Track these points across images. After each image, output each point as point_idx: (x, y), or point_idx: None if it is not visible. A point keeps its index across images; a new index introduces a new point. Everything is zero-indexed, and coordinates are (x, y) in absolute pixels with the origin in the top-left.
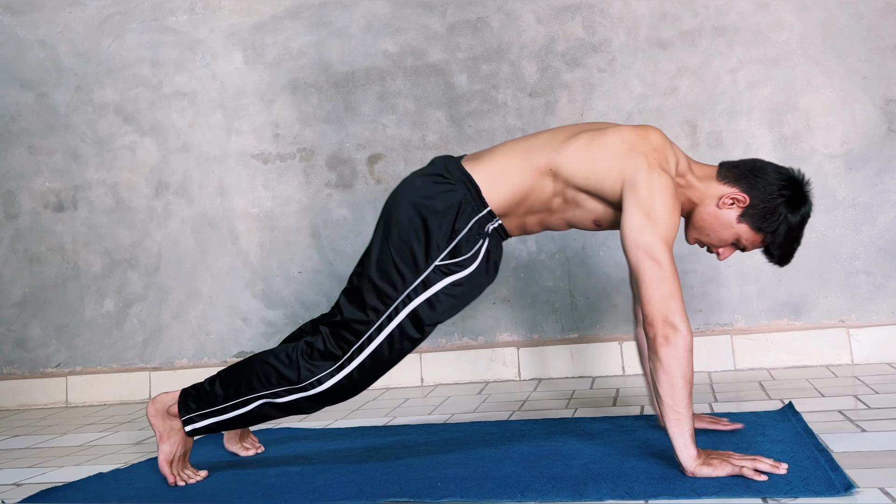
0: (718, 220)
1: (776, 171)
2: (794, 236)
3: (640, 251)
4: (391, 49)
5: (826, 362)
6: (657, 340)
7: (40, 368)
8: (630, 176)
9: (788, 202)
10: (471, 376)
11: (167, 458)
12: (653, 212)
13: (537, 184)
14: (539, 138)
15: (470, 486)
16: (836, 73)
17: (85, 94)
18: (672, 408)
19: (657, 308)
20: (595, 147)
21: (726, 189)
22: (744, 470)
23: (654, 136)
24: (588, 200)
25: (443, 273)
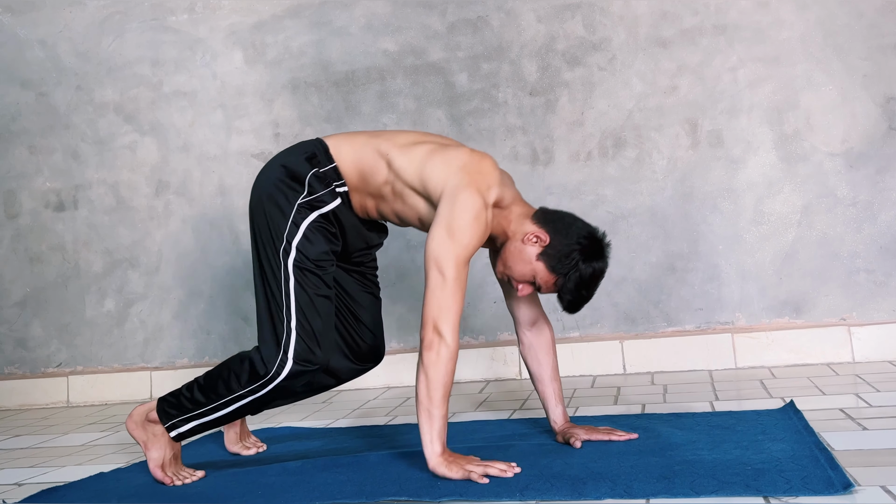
0: (521, 254)
1: (584, 225)
2: (584, 286)
3: (432, 261)
4: (391, 48)
5: (827, 360)
6: (423, 344)
7: (41, 368)
8: (450, 189)
9: (583, 252)
10: (471, 375)
11: (157, 464)
12: (453, 227)
13: (374, 164)
14: (393, 133)
15: (470, 485)
16: (837, 72)
17: (85, 93)
18: (425, 406)
19: (431, 314)
20: (432, 158)
21: (533, 228)
22: (472, 474)
23: (486, 164)
24: (413, 196)
25: (307, 209)
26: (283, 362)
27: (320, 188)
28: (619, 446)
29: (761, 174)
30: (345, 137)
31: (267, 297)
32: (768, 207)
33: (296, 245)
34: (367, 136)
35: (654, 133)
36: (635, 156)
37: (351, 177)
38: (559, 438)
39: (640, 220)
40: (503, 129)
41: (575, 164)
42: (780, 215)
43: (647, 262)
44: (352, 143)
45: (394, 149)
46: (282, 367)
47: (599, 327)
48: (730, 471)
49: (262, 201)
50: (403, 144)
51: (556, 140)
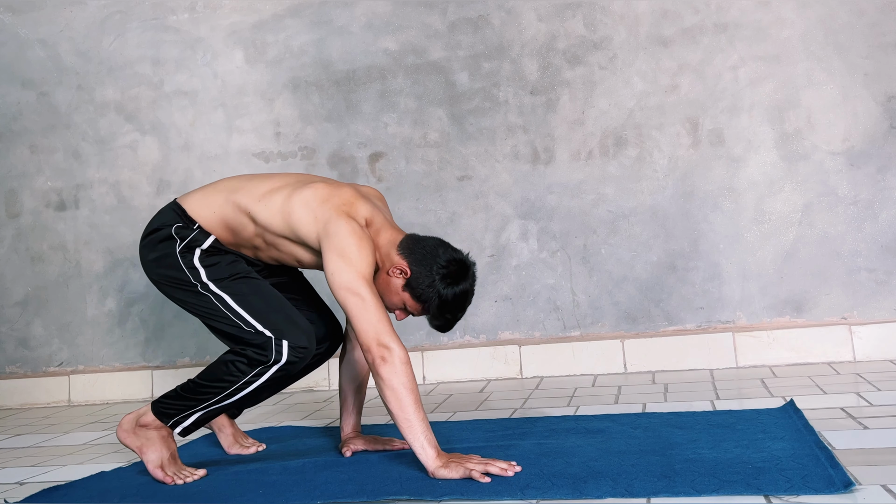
0: (388, 286)
1: (445, 251)
2: (447, 310)
3: (343, 290)
4: (392, 47)
5: (828, 359)
6: (376, 363)
7: (43, 367)
8: (322, 226)
9: (444, 279)
10: (472, 374)
11: (156, 465)
12: (345, 252)
13: (238, 219)
14: (247, 183)
15: (470, 484)
16: (838, 70)
17: (86, 93)
18: (403, 418)
19: (369, 335)
20: (293, 200)
21: (397, 260)
22: (473, 473)
23: (345, 192)
24: (287, 244)
25: (188, 252)
26: (279, 348)
27: (189, 233)
28: (620, 445)
29: (762, 173)
30: (199, 198)
31: (228, 329)
32: (769, 206)
33: (205, 277)
34: (220, 193)
35: (654, 132)
36: (636, 155)
37: (219, 233)
38: (340, 446)
39: (640, 218)
40: (504, 128)
41: (576, 163)
42: (781, 214)
43: (648, 261)
44: (209, 204)
45: (252, 203)
46: (279, 348)
47: (600, 326)
48: (730, 469)
49: (158, 278)
50: (260, 196)
51: (557, 139)
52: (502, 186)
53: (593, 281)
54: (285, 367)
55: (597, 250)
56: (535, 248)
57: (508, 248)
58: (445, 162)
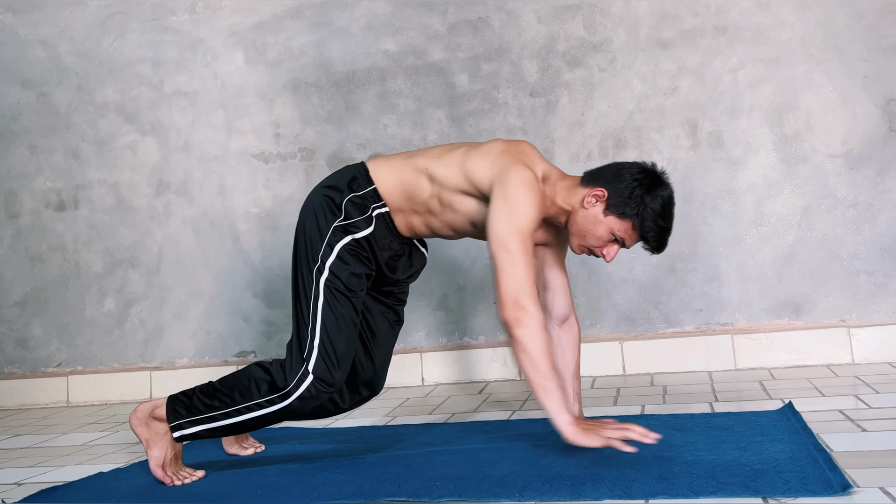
0: (588, 218)
1: (630, 164)
2: (660, 216)
3: (496, 241)
4: (392, 48)
5: (827, 362)
6: (511, 322)
7: (41, 368)
8: (498, 171)
9: (642, 185)
10: (471, 376)
11: (158, 463)
12: (512, 203)
13: (416, 181)
14: (426, 150)
15: (468, 486)
16: (837, 73)
17: (86, 93)
18: (538, 382)
19: (508, 292)
20: (469, 155)
21: (587, 189)
22: (612, 441)
23: (523, 145)
24: (462, 202)
25: (341, 232)
26: (304, 377)
27: (355, 214)
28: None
29: (761, 175)
30: (383, 161)
31: (298, 313)
32: (768, 209)
33: (329, 266)
34: (402, 157)
35: (654, 134)
36: (635, 157)
37: (393, 198)
38: None
39: None
40: (503, 129)
41: (575, 164)
42: (780, 216)
43: (647, 263)
44: (390, 165)
45: (431, 161)
46: (301, 381)
47: (599, 328)
48: (729, 472)
49: (305, 223)
50: (438, 155)
51: (557, 141)
52: None
53: (592, 283)
54: (292, 405)
55: None
56: None
57: None
58: None
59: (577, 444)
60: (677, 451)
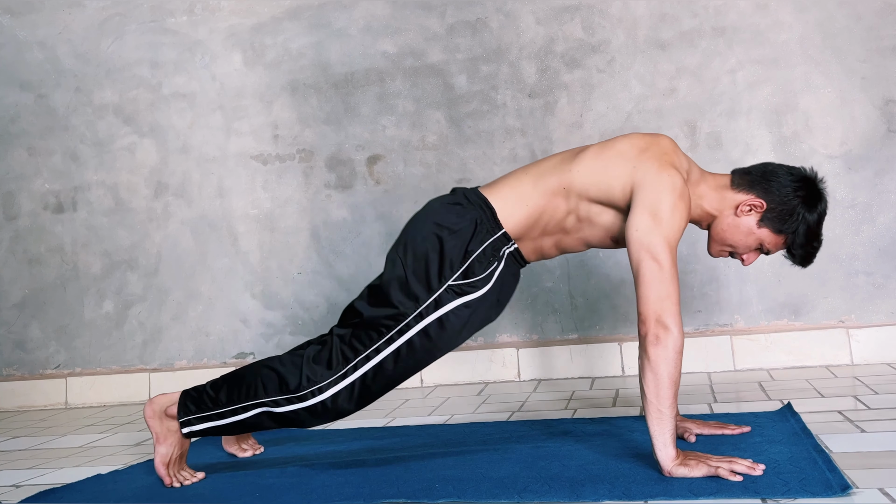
0: (739, 228)
1: (788, 172)
2: (814, 234)
3: (643, 250)
4: (390, 50)
5: (825, 363)
6: (648, 339)
7: (40, 370)
8: (640, 177)
9: (805, 201)
10: (470, 377)
11: (164, 461)
12: (659, 211)
13: (550, 205)
14: (549, 161)
15: (468, 487)
16: (836, 74)
17: (84, 95)
18: (656, 406)
19: (652, 307)
20: (605, 155)
21: (742, 196)
22: (719, 471)
23: (664, 141)
24: (601, 214)
25: (455, 293)
26: (322, 391)
27: (479, 272)
28: (617, 448)
29: None
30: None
31: (358, 335)
32: None
33: (425, 324)
34: (525, 178)
35: None
36: None
37: (523, 230)
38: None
39: None
40: (502, 130)
41: None
42: None
43: None
44: (519, 197)
45: (564, 172)
46: (316, 394)
47: (598, 329)
48: None
49: (412, 252)
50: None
51: (556, 142)
52: None
53: (591, 284)
54: (303, 412)
55: (595, 253)
56: None
57: None
58: (444, 164)
59: (676, 475)
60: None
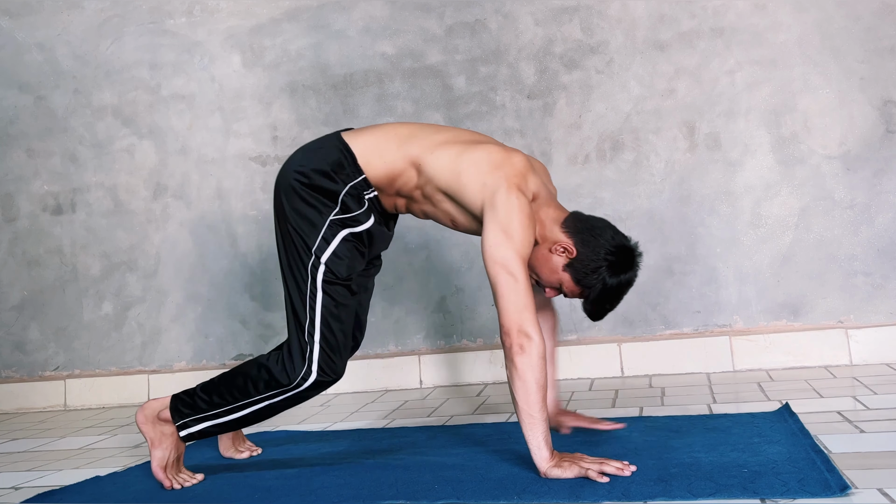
0: (548, 262)
1: (612, 236)
2: (609, 298)
3: (497, 265)
4: (389, 51)
5: (825, 363)
6: (513, 349)
7: (39, 371)
8: (490, 194)
9: (611, 266)
10: (469, 378)
11: (160, 464)
12: (509, 229)
13: (406, 171)
14: (421, 131)
15: (467, 488)
16: (834, 74)
17: (83, 96)
18: (527, 412)
19: (513, 318)
20: (463, 159)
21: (562, 237)
22: (589, 472)
23: (517, 160)
24: (446, 202)
25: (339, 226)
26: (308, 374)
27: (355, 207)
28: (616, 449)
29: (759, 177)
30: (372, 144)
31: (294, 308)
32: (766, 210)
33: (325, 261)
34: (395, 141)
35: (651, 136)
36: (633, 159)
37: (380, 183)
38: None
39: (637, 222)
40: (501, 131)
41: (573, 166)
42: (777, 218)
43: (645, 265)
44: (381, 151)
45: (424, 152)
46: (306, 378)
47: (597, 330)
48: (727, 473)
49: (290, 211)
50: (434, 145)
51: (554, 143)
52: None
53: None
54: (302, 393)
55: None
56: None
57: None
58: None
59: (551, 476)
60: (675, 452)
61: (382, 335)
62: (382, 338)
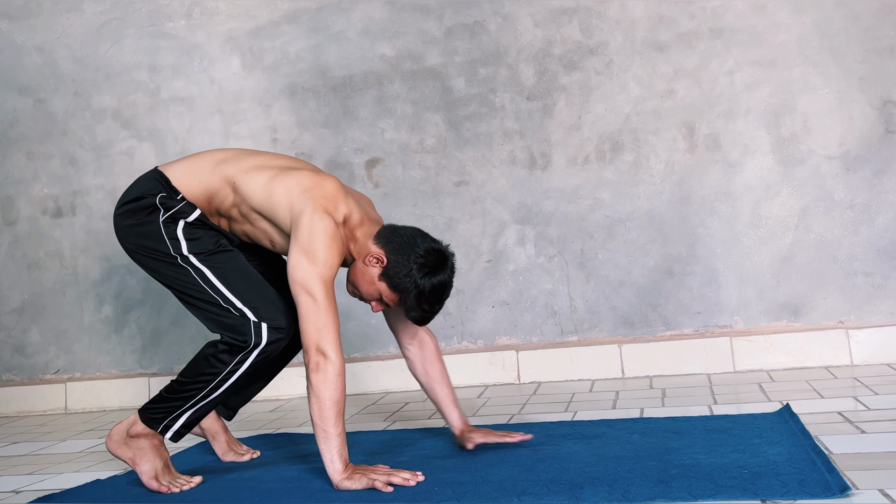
0: (364, 275)
1: (422, 240)
2: (425, 301)
3: (299, 287)
4: (389, 53)
5: (825, 363)
6: (310, 367)
7: (39, 374)
8: (296, 216)
9: (421, 268)
10: (470, 380)
11: (151, 476)
12: (312, 251)
13: (221, 190)
14: (236, 155)
15: (467, 490)
16: (834, 75)
17: (83, 99)
18: (321, 427)
19: (311, 337)
20: (275, 182)
21: (374, 249)
22: (376, 483)
23: (328, 184)
24: (261, 221)
25: (171, 222)
26: (259, 329)
27: (175, 203)
28: (616, 450)
29: (758, 177)
30: (185, 167)
31: (204, 306)
32: (766, 210)
33: (185, 250)
34: (209, 163)
35: (651, 137)
36: (633, 160)
37: (199, 202)
38: (458, 442)
39: (637, 223)
40: (501, 133)
41: (572, 168)
42: (777, 218)
43: (645, 266)
44: (195, 172)
45: (239, 173)
46: (258, 329)
47: (598, 331)
48: (727, 474)
49: (134, 247)
50: (248, 168)
51: (554, 144)
52: (499, 192)
53: (591, 286)
54: (266, 349)
55: (594, 255)
56: (533, 254)
57: (506, 254)
58: (442, 167)
59: (342, 488)
60: (675, 454)
61: (382, 337)
62: (382, 339)
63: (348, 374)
